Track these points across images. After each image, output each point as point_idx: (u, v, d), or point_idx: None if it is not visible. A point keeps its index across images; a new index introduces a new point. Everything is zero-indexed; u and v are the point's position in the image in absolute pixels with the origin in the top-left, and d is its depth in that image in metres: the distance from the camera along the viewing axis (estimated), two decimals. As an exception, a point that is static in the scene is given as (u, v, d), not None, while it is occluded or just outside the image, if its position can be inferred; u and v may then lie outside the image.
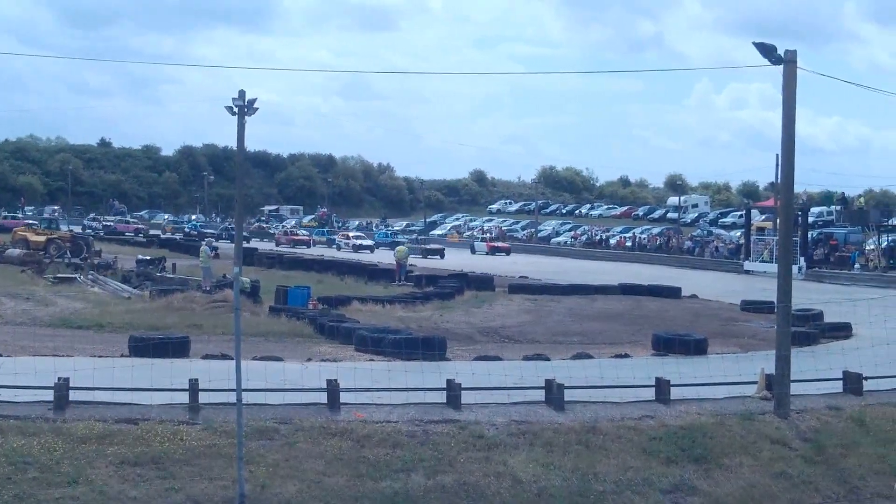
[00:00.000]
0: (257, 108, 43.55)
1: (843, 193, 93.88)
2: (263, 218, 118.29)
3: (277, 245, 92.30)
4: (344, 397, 19.88)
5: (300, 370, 23.16)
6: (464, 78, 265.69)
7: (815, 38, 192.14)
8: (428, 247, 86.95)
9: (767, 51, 21.41)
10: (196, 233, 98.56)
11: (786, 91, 21.70)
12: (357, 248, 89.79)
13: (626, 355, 29.52)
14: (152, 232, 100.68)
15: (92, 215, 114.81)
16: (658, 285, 51.27)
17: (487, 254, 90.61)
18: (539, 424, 19.47)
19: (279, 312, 34.63)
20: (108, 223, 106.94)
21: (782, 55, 21.44)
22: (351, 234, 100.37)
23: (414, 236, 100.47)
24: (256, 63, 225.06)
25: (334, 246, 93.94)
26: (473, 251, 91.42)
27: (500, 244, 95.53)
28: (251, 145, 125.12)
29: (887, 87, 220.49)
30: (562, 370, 26.17)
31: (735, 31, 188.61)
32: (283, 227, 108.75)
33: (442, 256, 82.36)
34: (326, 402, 19.62)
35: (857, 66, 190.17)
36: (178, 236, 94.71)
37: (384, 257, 69.90)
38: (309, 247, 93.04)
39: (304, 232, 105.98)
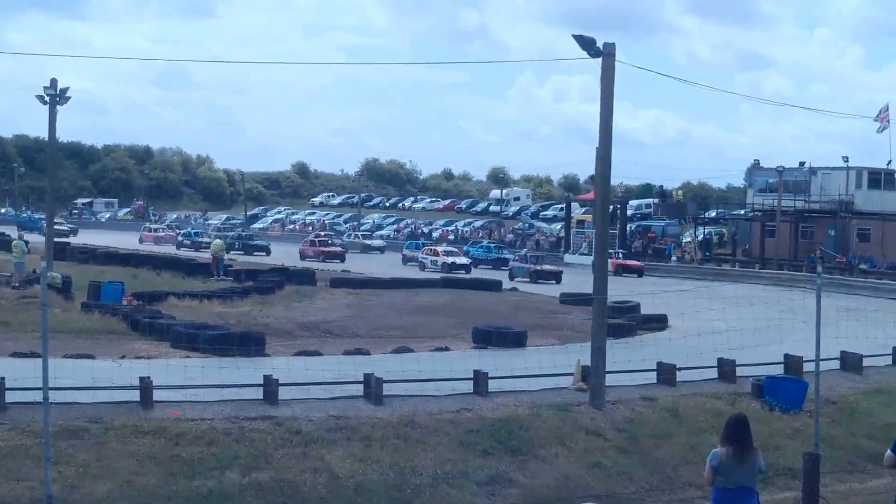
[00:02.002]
0: (70, 98, 42.30)
1: (662, 186, 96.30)
2: (76, 211, 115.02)
3: (303, 258, 70.97)
4: (158, 395, 19.37)
5: (113, 368, 22.53)
6: (287, 68, 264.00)
7: (638, 30, 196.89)
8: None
9: (587, 43, 21.57)
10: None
11: (604, 84, 21.94)
12: (451, 268, 64.59)
13: (447, 348, 29.63)
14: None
15: None
16: (479, 278, 51.78)
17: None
18: (357, 419, 19.34)
19: (92, 309, 33.62)
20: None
21: (601, 48, 21.66)
22: (440, 249, 72.44)
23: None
24: (71, 50, 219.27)
25: (417, 265, 69.15)
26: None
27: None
28: (64, 136, 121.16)
29: (706, 80, 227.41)
30: (382, 364, 26.12)
31: (559, 22, 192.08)
32: (312, 234, 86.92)
33: (342, 260, 70.20)
34: (139, 400, 19.11)
35: (677, 59, 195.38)
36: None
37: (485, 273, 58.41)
38: (343, 261, 70.39)
39: (338, 241, 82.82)
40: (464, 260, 68.17)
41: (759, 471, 10.97)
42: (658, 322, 37.78)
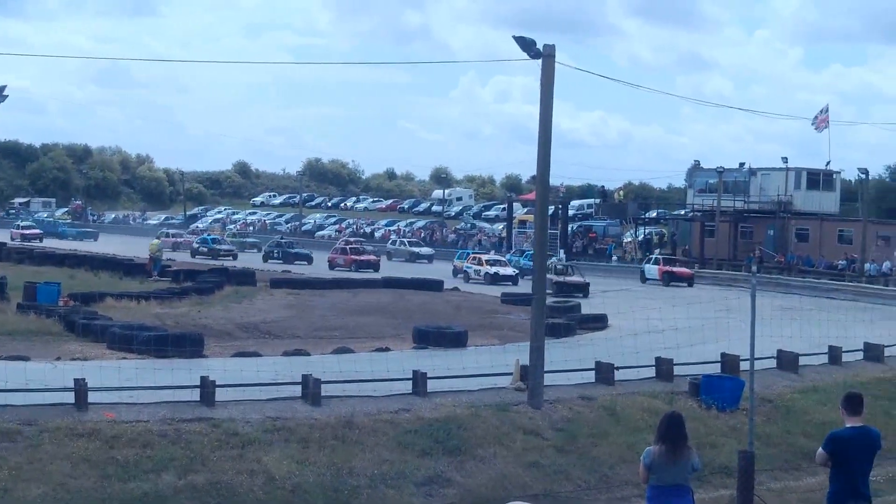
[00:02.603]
0: (7, 96, 41.87)
1: (603, 187, 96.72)
2: (13, 211, 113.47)
3: (332, 268, 65.42)
4: (93, 397, 19.17)
5: (48, 370, 22.31)
6: (229, 67, 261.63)
7: (582, 32, 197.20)
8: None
9: (527, 45, 21.66)
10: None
11: (544, 85, 22.01)
12: (495, 279, 58.53)
13: (387, 349, 29.56)
14: None
15: None
16: (421, 278, 51.67)
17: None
18: (295, 420, 19.26)
19: (28, 310, 33.19)
20: None
21: (541, 49, 21.74)
22: (485, 258, 64.06)
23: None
24: (7, 48, 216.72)
25: (460, 276, 61.76)
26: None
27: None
28: (0, 134, 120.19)
29: (649, 81, 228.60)
30: (322, 365, 25.99)
31: (502, 23, 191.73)
32: (341, 240, 78.94)
33: (376, 269, 64.62)
34: (74, 402, 18.89)
35: (620, 60, 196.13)
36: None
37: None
38: (377, 270, 64.19)
39: (370, 248, 74.92)
40: (509, 270, 60.03)
41: (692, 469, 10.96)
42: (598, 321, 37.99)
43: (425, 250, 78.43)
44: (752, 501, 14.68)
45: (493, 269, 59.77)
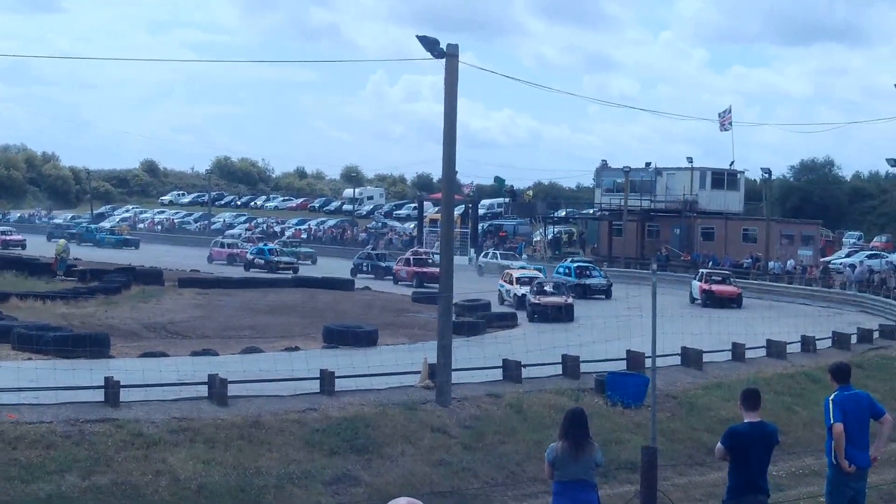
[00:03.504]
0: None
1: (512, 186, 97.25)
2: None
3: (397, 282, 56.93)
4: (-4, 398, 18.97)
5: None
6: (135, 64, 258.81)
7: (489, 32, 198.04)
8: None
9: (430, 44, 21.78)
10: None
11: (448, 84, 22.18)
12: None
13: (297, 348, 29.48)
14: None
15: None
16: (332, 277, 51.56)
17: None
18: (201, 420, 19.16)
19: (-72, 311, 32.62)
20: None
21: (445, 49, 21.86)
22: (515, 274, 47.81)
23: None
24: None
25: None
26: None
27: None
28: None
29: (555, 81, 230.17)
30: (230, 365, 25.90)
31: (410, 22, 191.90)
32: (409, 251, 64.95)
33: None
34: (-25, 403, 18.65)
35: (527, 60, 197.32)
36: None
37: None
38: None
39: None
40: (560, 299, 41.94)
41: (595, 464, 11.13)
42: (508, 320, 38.24)
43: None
44: (656, 496, 14.88)
45: (521, 290, 44.75)
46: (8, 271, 48.65)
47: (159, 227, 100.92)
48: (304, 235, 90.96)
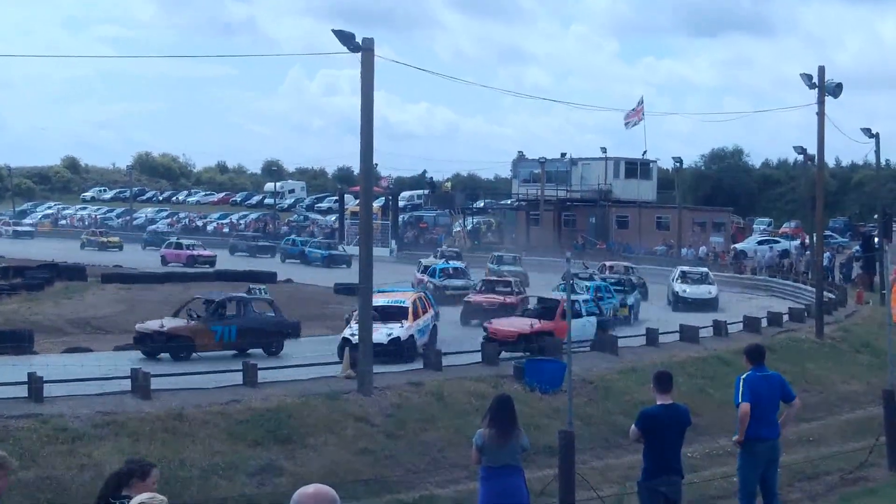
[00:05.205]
0: None
1: (431, 178, 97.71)
2: None
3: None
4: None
5: None
6: (52, 61, 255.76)
7: (404, 25, 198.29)
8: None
9: (346, 38, 22.00)
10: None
11: (364, 77, 22.48)
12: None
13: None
14: None
15: None
16: (254, 270, 51.51)
17: None
18: (125, 414, 19.29)
19: None
20: None
21: (360, 43, 22.13)
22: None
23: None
24: None
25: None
26: None
27: None
28: None
29: (471, 74, 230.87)
30: (154, 359, 26.11)
31: (326, 16, 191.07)
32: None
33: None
34: None
35: (443, 53, 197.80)
36: None
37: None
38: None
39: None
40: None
41: (522, 449, 11.41)
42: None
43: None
44: (574, 479, 15.33)
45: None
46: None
47: (82, 223, 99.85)
48: (226, 230, 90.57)
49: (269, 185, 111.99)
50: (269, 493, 17.66)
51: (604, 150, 77.76)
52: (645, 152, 78.22)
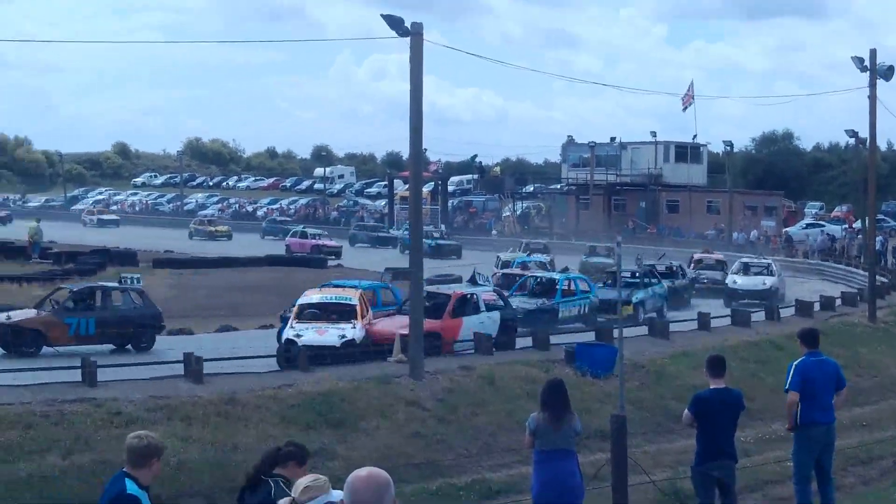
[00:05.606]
0: None
1: (480, 162, 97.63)
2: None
3: None
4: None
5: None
6: (101, 47, 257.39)
7: (453, 10, 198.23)
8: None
9: (395, 23, 21.99)
10: None
11: (413, 62, 22.40)
12: None
13: (272, 326, 29.80)
14: None
15: None
16: (305, 256, 51.82)
17: None
18: (178, 398, 19.40)
19: None
20: None
21: (409, 27, 22.07)
22: None
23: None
24: None
25: None
26: None
27: None
28: None
29: (520, 58, 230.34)
30: (206, 343, 26.25)
31: (375, 1, 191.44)
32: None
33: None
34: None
35: (490, 38, 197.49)
36: None
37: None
38: None
39: None
40: None
41: (575, 433, 11.37)
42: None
43: None
44: (626, 463, 15.24)
45: None
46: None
47: (132, 209, 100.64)
48: (276, 215, 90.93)
49: (319, 171, 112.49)
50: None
51: (653, 133, 77.53)
52: (695, 136, 77.98)
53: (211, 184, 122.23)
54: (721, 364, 11.50)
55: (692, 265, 46.12)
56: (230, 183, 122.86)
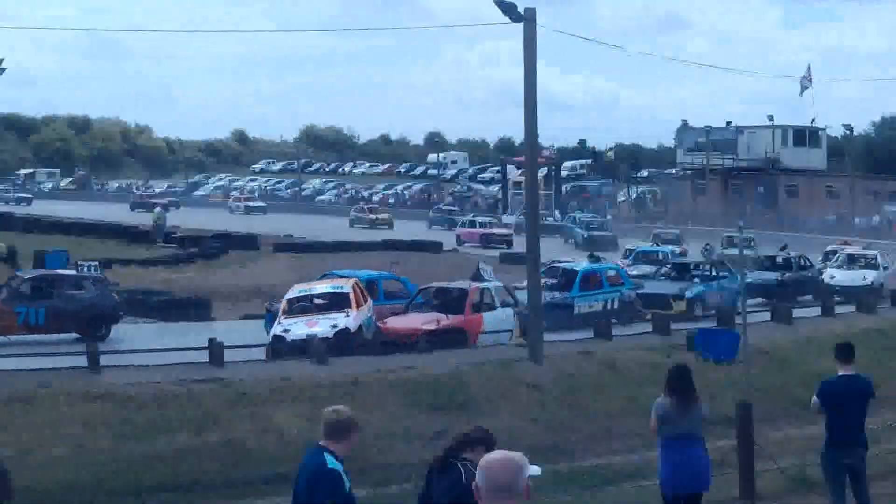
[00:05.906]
0: (5, 69, 41.94)
1: (594, 147, 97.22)
2: (19, 182, 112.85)
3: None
4: (105, 360, 19.70)
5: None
6: (217, 36, 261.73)
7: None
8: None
9: (507, 8, 21.88)
10: None
11: (526, 48, 22.39)
12: None
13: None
14: None
15: None
16: (420, 240, 52.05)
17: None
18: (302, 379, 19.67)
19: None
20: None
21: (522, 13, 22.02)
22: None
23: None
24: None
25: None
26: None
27: None
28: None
29: (630, 43, 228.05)
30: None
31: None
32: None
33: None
34: (87, 365, 19.40)
35: (600, 23, 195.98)
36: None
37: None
38: None
39: None
40: None
41: (702, 418, 11.30)
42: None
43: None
44: (753, 450, 15.12)
45: None
46: (109, 239, 49.81)
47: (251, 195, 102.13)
48: (391, 200, 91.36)
49: (432, 156, 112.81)
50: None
51: (770, 117, 76.17)
52: (813, 120, 76.47)
53: (327, 170, 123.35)
54: (850, 350, 11.34)
55: (825, 258, 42.14)
56: (346, 169, 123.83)
